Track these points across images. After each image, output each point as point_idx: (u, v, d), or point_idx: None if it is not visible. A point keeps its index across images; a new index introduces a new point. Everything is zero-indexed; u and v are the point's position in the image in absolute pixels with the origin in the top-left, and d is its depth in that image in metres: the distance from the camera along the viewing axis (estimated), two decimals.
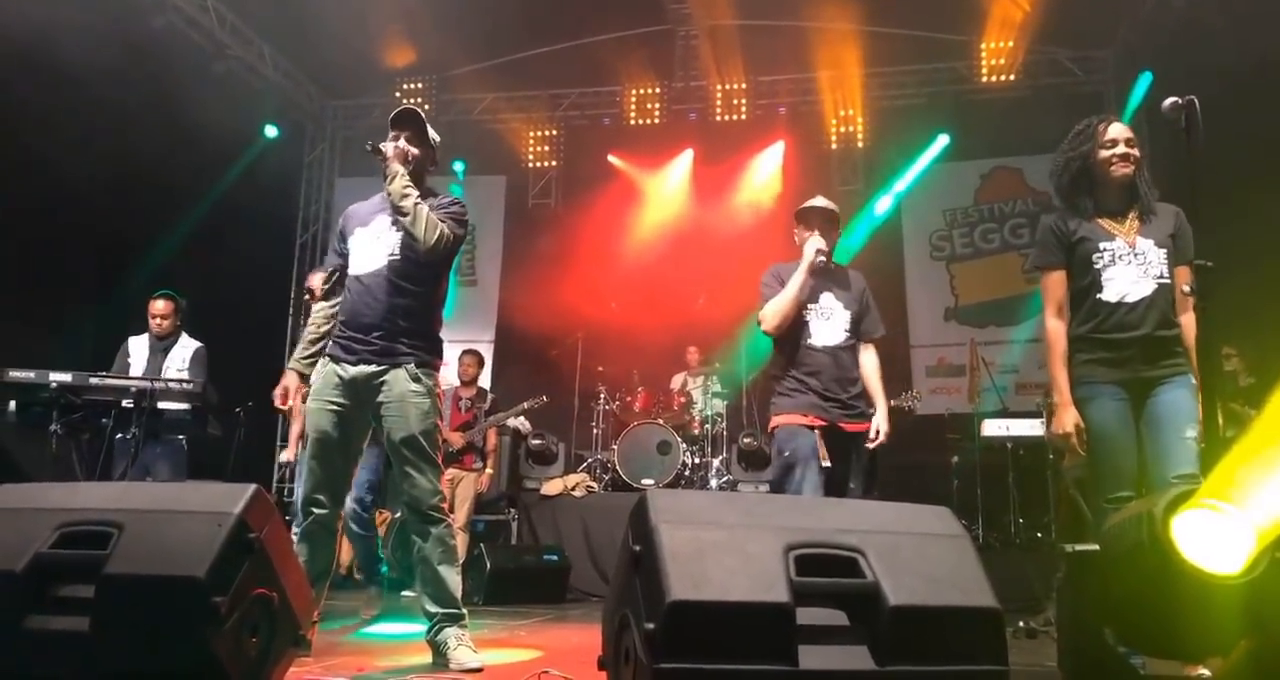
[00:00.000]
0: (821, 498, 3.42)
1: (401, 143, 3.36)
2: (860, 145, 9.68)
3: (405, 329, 3.28)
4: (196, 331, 5.66)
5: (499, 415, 6.69)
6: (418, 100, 9.67)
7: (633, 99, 9.86)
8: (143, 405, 4.67)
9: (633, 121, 9.88)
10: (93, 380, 4.69)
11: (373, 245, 3.35)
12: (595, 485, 7.64)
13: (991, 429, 6.88)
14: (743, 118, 9.69)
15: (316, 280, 4.44)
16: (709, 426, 7.88)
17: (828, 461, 3.54)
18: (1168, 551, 1.88)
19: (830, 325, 3.75)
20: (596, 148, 10.16)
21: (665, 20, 9.43)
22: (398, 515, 5.17)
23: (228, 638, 2.01)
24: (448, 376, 6.57)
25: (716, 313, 8.03)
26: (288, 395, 3.41)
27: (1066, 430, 3.08)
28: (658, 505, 1.96)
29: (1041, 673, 3.27)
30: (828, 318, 3.75)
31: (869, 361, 3.86)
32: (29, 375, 4.55)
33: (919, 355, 9.36)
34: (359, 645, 3.88)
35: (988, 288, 9.40)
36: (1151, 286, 3.07)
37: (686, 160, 10.04)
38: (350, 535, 5.40)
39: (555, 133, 10.37)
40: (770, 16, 9.12)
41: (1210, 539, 1.88)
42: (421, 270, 3.33)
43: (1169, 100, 2.68)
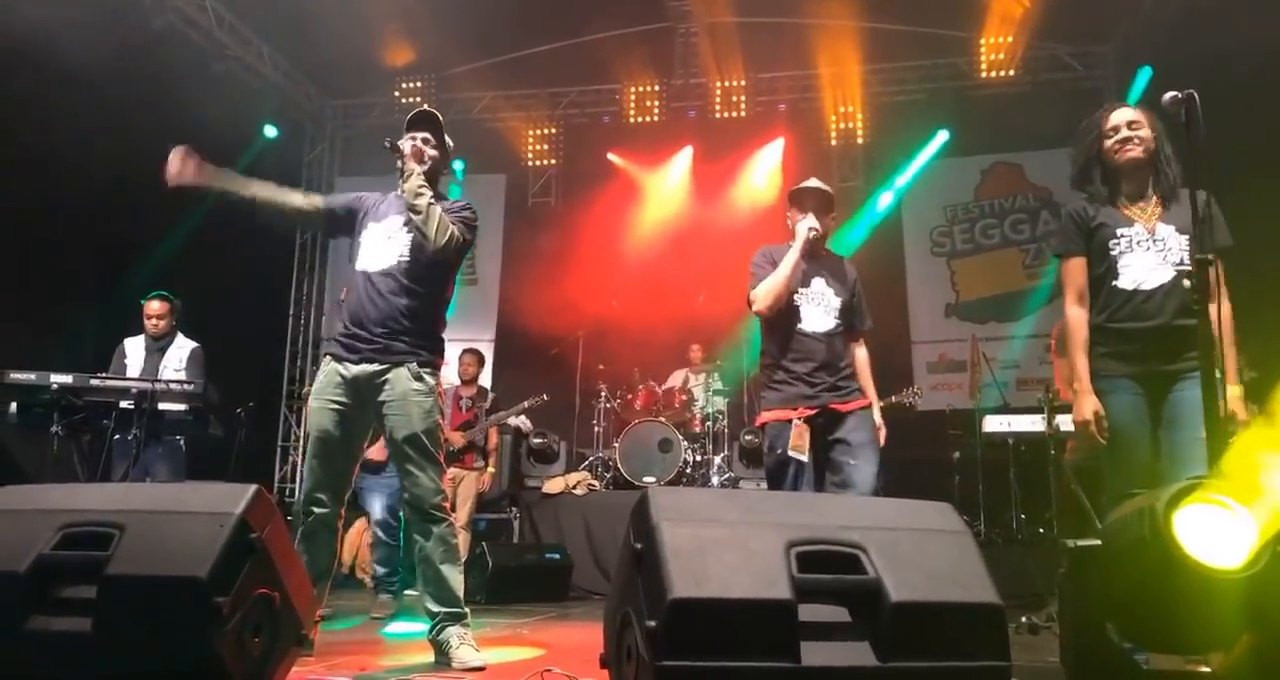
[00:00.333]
0: (822, 494, 3.42)
1: (419, 142, 3.38)
2: (860, 141, 9.66)
3: (408, 328, 3.29)
4: (196, 332, 5.66)
5: (500, 414, 6.70)
6: (417, 99, 9.68)
7: (632, 97, 9.84)
8: (143, 406, 4.67)
9: (632, 119, 9.86)
10: (93, 381, 4.67)
11: (384, 245, 3.35)
12: (597, 483, 7.64)
13: (993, 425, 6.86)
14: (742, 115, 9.67)
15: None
16: (710, 424, 7.87)
17: (804, 455, 3.48)
18: (1170, 546, 1.87)
19: (821, 311, 3.71)
20: (596, 146, 10.15)
21: (664, 18, 9.43)
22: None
23: (230, 638, 2.01)
24: (448, 375, 6.56)
25: (717, 310, 8.01)
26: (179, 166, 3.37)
27: (1086, 418, 3.01)
28: (659, 503, 1.96)
29: (1044, 668, 3.25)
30: (818, 303, 3.71)
31: (860, 356, 3.84)
32: (30, 377, 4.55)
33: (920, 351, 9.35)
34: (361, 644, 3.89)
35: (988, 283, 9.40)
36: (1170, 274, 2.97)
37: (686, 158, 10.03)
38: (376, 542, 5.43)
39: (555, 131, 10.36)
40: (770, 13, 9.11)
41: (1212, 534, 1.88)
42: (430, 272, 3.34)
43: (1169, 94, 2.65)
